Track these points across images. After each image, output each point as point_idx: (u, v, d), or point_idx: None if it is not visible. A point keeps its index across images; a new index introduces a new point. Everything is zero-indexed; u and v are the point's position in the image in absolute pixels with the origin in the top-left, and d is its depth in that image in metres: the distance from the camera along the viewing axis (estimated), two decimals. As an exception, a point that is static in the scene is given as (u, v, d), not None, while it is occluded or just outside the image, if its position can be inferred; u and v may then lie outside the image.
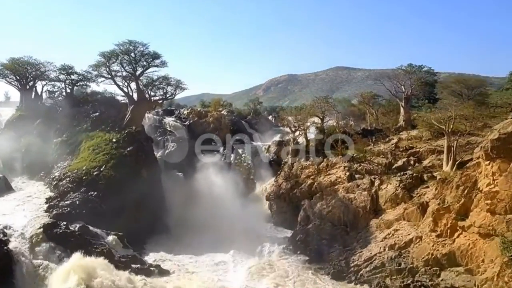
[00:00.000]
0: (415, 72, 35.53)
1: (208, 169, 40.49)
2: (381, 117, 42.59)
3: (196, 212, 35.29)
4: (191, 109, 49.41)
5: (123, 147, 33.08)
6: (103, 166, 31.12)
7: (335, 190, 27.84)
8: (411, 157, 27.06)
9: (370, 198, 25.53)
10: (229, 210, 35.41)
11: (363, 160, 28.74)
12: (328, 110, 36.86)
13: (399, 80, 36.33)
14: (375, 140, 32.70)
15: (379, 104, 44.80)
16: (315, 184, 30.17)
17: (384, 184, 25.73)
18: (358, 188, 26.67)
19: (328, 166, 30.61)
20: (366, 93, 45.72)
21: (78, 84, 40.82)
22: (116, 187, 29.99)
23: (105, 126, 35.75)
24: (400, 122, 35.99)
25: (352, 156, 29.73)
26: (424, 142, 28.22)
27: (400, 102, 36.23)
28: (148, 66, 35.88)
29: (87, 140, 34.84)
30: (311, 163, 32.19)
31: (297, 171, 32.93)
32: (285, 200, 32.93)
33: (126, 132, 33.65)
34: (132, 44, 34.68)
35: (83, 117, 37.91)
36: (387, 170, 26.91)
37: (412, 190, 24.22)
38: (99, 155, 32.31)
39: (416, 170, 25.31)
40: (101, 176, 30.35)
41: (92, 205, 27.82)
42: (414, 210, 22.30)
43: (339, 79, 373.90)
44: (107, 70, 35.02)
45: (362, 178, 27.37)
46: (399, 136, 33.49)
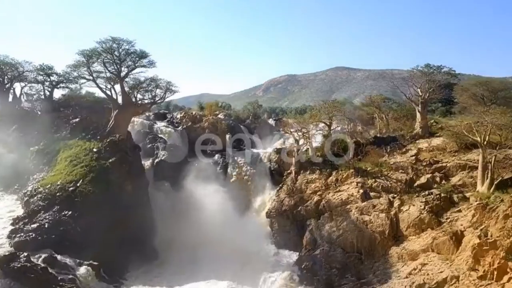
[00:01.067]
0: (433, 73, 31.74)
1: (202, 179, 36.61)
2: (392, 122, 38.78)
3: (188, 231, 31.47)
4: (185, 113, 45.47)
5: (105, 158, 29.27)
6: (80, 180, 27.28)
7: (346, 210, 24.00)
8: (437, 173, 23.25)
9: (389, 221, 21.71)
10: (224, 228, 31.63)
11: (378, 175, 24.92)
12: (336, 116, 33.01)
13: (415, 82, 32.51)
14: (390, 150, 28.86)
15: (389, 108, 40.91)
16: (322, 201, 26.31)
17: (406, 205, 21.91)
18: (374, 209, 22.83)
19: (338, 181, 26.77)
20: (375, 96, 41.82)
21: (58, 86, 36.89)
22: (95, 205, 26.19)
23: (85, 133, 31.93)
24: (417, 129, 32.15)
25: (366, 169, 25.89)
26: (451, 155, 24.39)
27: (416, 107, 32.40)
28: (134, 66, 32.07)
29: (65, 150, 31.01)
30: (318, 176, 28.35)
31: (301, 185, 29.07)
32: (288, 218, 29.04)
33: (108, 141, 29.80)
34: (116, 42, 30.84)
35: (63, 123, 34.07)
36: (408, 188, 23.08)
37: (441, 214, 20.42)
38: (76, 167, 28.46)
39: (443, 189, 21.52)
40: (78, 192, 26.51)
41: (65, 228, 24.01)
42: (446, 240, 18.45)
43: (339, 80, 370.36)
44: (89, 71, 31.10)
45: (378, 197, 23.54)
46: (417, 145, 29.70)
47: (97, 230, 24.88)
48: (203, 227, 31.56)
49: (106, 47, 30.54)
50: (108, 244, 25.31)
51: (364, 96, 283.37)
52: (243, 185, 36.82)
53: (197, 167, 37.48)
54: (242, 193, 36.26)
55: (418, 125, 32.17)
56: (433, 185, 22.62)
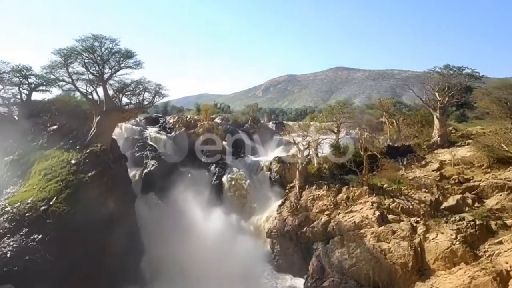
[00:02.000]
0: (454, 75, 28.37)
1: (195, 192, 33.19)
2: (404, 128, 35.40)
3: (179, 250, 28.02)
4: (178, 118, 41.96)
5: (84, 171, 25.78)
6: (54, 198, 23.79)
7: (360, 236, 20.61)
8: (467, 194, 19.83)
9: (412, 252, 18.33)
10: (219, 247, 28.35)
11: (397, 193, 21.52)
12: (345, 122, 29.65)
13: (433, 85, 29.11)
14: (407, 163, 25.47)
15: (400, 112, 37.49)
16: (331, 223, 22.93)
17: (432, 232, 18.53)
18: (394, 235, 19.44)
19: (349, 199, 23.38)
20: (385, 99, 38.45)
21: (38, 89, 33.36)
22: (70, 228, 22.67)
23: (64, 142, 28.42)
24: (434, 138, 28.78)
25: (381, 187, 22.51)
26: (482, 171, 20.98)
27: (434, 113, 29.00)
28: (119, 68, 28.55)
29: (40, 161, 27.47)
30: (326, 192, 24.98)
31: (306, 202, 25.69)
32: (292, 239, 25.68)
33: (88, 152, 26.34)
34: (98, 40, 27.35)
35: (40, 130, 30.54)
36: (434, 211, 19.69)
37: (476, 245, 17.07)
38: (51, 182, 24.96)
39: (477, 214, 18.16)
40: (50, 212, 23.02)
41: (32, 256, 20.58)
42: (488, 282, 15.09)
43: (339, 80, 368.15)
44: (67, 73, 27.62)
45: (398, 221, 20.15)
46: (436, 156, 26.34)
47: (72, 258, 21.48)
48: (196, 246, 28.22)
49: (87, 45, 27.07)
50: (85, 274, 21.87)
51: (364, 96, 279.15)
52: (240, 199, 33.38)
53: (190, 178, 34.05)
54: (239, 208, 32.83)
55: (436, 133, 28.78)
56: (464, 208, 19.23)
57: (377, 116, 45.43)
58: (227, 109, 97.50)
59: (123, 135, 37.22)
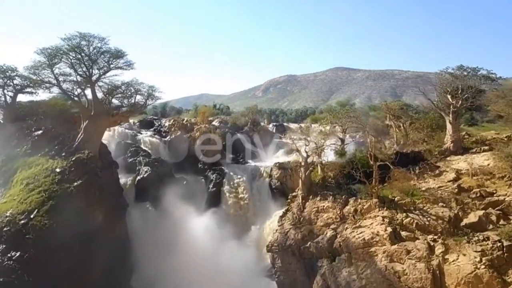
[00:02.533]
0: (468, 76, 26.46)
1: (191, 201, 31.31)
2: (411, 132, 33.42)
3: (173, 265, 26.33)
4: (174, 121, 39.94)
5: (69, 180, 23.89)
6: (35, 210, 21.90)
7: (371, 255, 18.63)
8: (491, 209, 17.88)
9: (430, 275, 16.37)
10: (217, 261, 26.63)
11: (411, 207, 19.55)
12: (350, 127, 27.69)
13: (445, 87, 27.16)
14: (419, 172, 23.52)
15: (407, 115, 35.51)
16: (338, 238, 20.94)
17: (452, 253, 16.57)
18: (409, 255, 17.47)
19: (357, 212, 21.40)
20: (392, 102, 36.50)
21: (24, 91, 31.40)
22: (52, 244, 20.80)
23: (49, 148, 26.50)
24: (447, 144, 26.82)
25: (393, 199, 20.55)
26: (505, 183, 19.02)
27: (446, 117, 27.06)
28: (108, 68, 26.63)
29: (23, 169, 25.57)
30: (331, 204, 23.00)
31: (310, 215, 23.68)
32: (294, 254, 23.64)
33: (74, 160, 24.39)
34: (85, 38, 25.42)
35: (25, 135, 28.61)
36: (453, 229, 17.73)
37: (505, 270, 15.14)
38: (33, 192, 23.05)
39: (504, 233, 16.21)
40: (30, 226, 21.12)
41: (7, 278, 18.66)
42: (522, 316, 13.10)
43: (339, 80, 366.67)
44: (52, 74, 25.66)
45: (413, 239, 18.18)
46: (449, 163, 24.39)
47: (53, 278, 19.61)
48: (191, 260, 26.50)
49: (73, 44, 25.14)
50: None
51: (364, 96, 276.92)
52: (239, 208, 31.43)
53: (185, 185, 32.09)
54: (238, 218, 30.90)
55: (448, 138, 26.81)
56: (487, 225, 17.28)
57: (381, 118, 43.55)
58: (226, 110, 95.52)
59: (115, 139, 35.24)
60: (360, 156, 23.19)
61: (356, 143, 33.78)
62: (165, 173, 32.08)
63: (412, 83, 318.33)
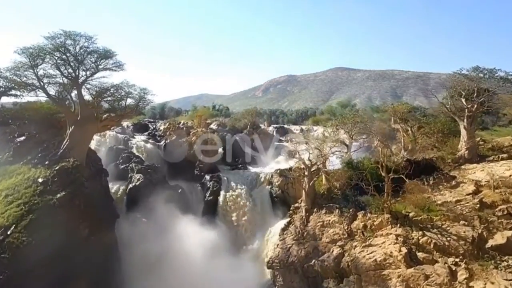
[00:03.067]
0: (484, 78, 24.55)
1: (187, 210, 29.36)
2: (421, 138, 31.47)
3: (166, 280, 24.35)
4: (170, 124, 37.95)
5: (52, 191, 21.87)
6: (13, 225, 19.87)
7: (383, 278, 16.70)
8: (520, 230, 15.91)
9: (453, 305, 14.41)
10: (214, 276, 24.56)
11: (427, 225, 17.59)
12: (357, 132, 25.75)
13: (458, 89, 25.20)
14: (433, 183, 21.57)
15: (416, 119, 33.55)
16: (346, 257, 19.01)
17: (478, 279, 14.62)
18: (428, 281, 15.52)
19: (367, 228, 19.44)
20: (399, 104, 34.55)
21: (8, 94, 29.37)
22: (30, 264, 18.81)
23: (32, 156, 24.48)
24: (461, 151, 24.85)
25: (407, 215, 18.59)
26: (534, 199, 17.03)
27: (460, 122, 25.11)
28: (96, 69, 24.64)
29: (3, 178, 23.56)
30: (338, 218, 21.05)
31: (315, 229, 21.75)
32: (297, 272, 21.71)
33: (57, 169, 22.42)
34: (71, 37, 23.43)
35: (7, 141, 26.62)
36: (477, 251, 15.79)
37: (541, 304, 13.13)
38: (11, 205, 21.02)
39: (538, 258, 14.18)
40: (6, 244, 19.11)
41: (-22, 304, 16.68)
42: None
43: (339, 80, 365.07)
44: (35, 75, 23.65)
45: (431, 261, 16.22)
46: (465, 172, 22.44)
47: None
48: (185, 274, 24.52)
49: (57, 44, 23.15)
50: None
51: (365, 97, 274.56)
52: (238, 219, 29.44)
53: (180, 193, 30.12)
54: (236, 229, 28.92)
55: (463, 145, 24.84)
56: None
57: (385, 120, 41.65)
58: (226, 111, 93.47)
59: (106, 144, 33.29)
60: (370, 166, 21.13)
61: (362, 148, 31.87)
62: (158, 180, 30.10)
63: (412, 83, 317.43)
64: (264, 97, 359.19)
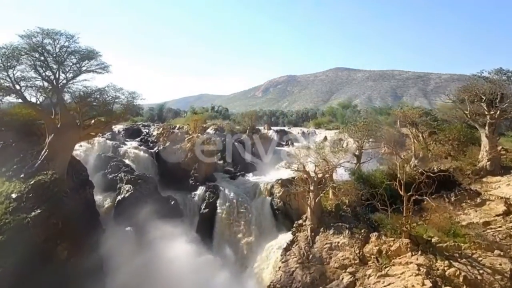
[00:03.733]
0: (509, 81, 22.23)
1: (179, 224, 26.95)
2: (434, 145, 29.07)
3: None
4: (163, 129, 35.50)
5: (26, 209, 19.51)
6: (-21, 249, 17.47)
7: (404, 316, 14.27)
8: None
9: None
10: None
11: (454, 253, 15.18)
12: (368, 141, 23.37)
13: (479, 93, 22.81)
14: (455, 200, 19.17)
15: (428, 125, 31.10)
16: (358, 287, 16.59)
17: (521, 325, 12.20)
18: (458, 323, 13.11)
19: (382, 253, 17.04)
20: (409, 108, 32.12)
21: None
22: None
23: (7, 168, 22.06)
24: (482, 162, 22.48)
25: (429, 240, 16.18)
26: None
27: (481, 129, 22.75)
28: (79, 72, 22.25)
29: (-26, 193, 21.16)
30: (348, 240, 18.65)
31: (322, 252, 19.34)
32: (302, 300, 19.30)
33: (32, 184, 20.00)
34: (49, 36, 21.05)
35: (-18, 150, 24.18)
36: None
37: None
38: (-20, 225, 18.63)
39: None
40: (-30, 273, 16.69)
41: None
42: None
43: (339, 80, 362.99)
44: (9, 78, 21.23)
45: (461, 298, 13.81)
46: (489, 187, 20.09)
47: None
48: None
49: (34, 43, 20.77)
50: None
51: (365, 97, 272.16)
52: (235, 234, 27.03)
53: (173, 205, 27.69)
54: (233, 246, 26.49)
55: (484, 155, 22.47)
56: None
57: (390, 124, 39.28)
58: (225, 112, 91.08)
59: (94, 152, 30.88)
60: (384, 182, 18.71)
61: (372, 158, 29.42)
62: (150, 191, 27.66)
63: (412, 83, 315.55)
64: (264, 97, 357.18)
